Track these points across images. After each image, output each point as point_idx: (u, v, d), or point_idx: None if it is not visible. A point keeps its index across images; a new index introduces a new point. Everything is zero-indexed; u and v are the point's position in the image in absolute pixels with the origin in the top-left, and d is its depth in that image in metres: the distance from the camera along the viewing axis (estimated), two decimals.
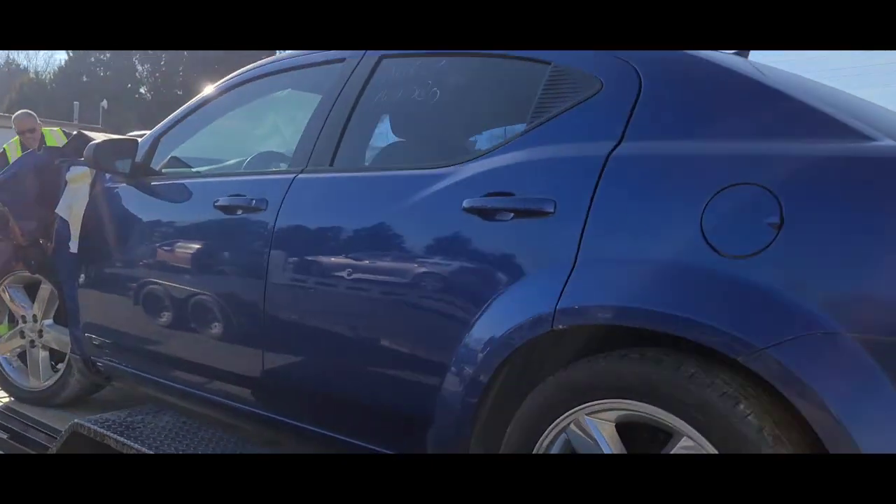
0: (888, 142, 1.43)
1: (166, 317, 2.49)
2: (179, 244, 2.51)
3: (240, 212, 2.30)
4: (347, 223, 2.05)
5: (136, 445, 2.31)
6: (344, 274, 2.00)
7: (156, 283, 2.54)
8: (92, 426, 2.43)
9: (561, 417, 1.59)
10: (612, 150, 1.63)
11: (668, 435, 1.47)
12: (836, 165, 1.41)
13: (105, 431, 2.39)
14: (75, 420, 2.52)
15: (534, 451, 1.63)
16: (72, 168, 2.96)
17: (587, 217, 1.60)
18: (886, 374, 1.26)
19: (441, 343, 1.80)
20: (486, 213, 1.76)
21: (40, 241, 3.17)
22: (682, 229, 1.48)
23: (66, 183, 2.96)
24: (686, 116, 1.63)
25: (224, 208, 2.34)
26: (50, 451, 2.63)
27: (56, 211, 2.96)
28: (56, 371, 3.22)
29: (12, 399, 3.34)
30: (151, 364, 2.63)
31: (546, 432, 1.61)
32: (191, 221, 2.52)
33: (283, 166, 2.87)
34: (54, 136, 5.43)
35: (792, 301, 1.35)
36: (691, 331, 1.42)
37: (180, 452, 2.32)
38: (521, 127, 1.87)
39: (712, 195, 1.46)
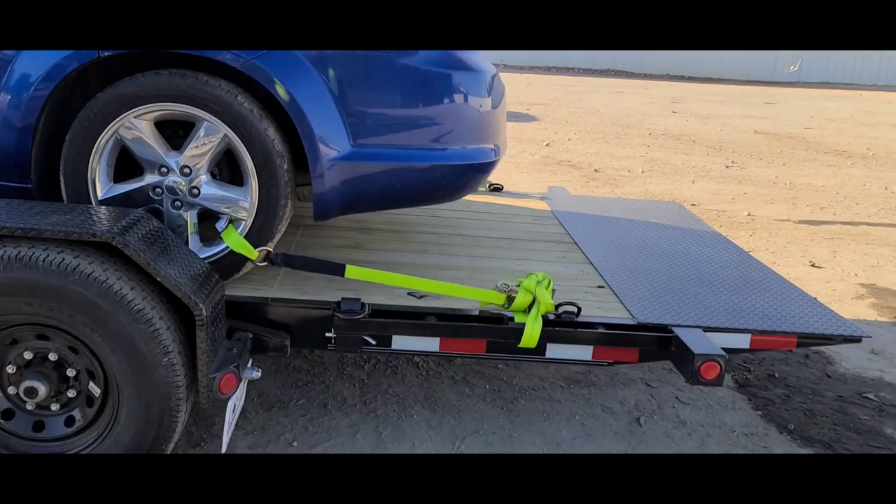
0: None
1: None
2: None
3: None
4: None
5: None
6: None
7: None
8: None
9: (114, 121, 2.21)
10: None
11: (193, 124, 2.25)
12: None
13: None
14: None
15: (93, 150, 2.22)
16: None
17: None
18: (317, 71, 2.25)
19: None
20: None
21: None
22: None
23: None
24: None
25: None
26: None
27: None
28: None
29: None
30: None
31: (103, 134, 2.21)
32: None
33: None
34: None
35: None
36: (206, 51, 2.18)
37: None
38: None
39: None
